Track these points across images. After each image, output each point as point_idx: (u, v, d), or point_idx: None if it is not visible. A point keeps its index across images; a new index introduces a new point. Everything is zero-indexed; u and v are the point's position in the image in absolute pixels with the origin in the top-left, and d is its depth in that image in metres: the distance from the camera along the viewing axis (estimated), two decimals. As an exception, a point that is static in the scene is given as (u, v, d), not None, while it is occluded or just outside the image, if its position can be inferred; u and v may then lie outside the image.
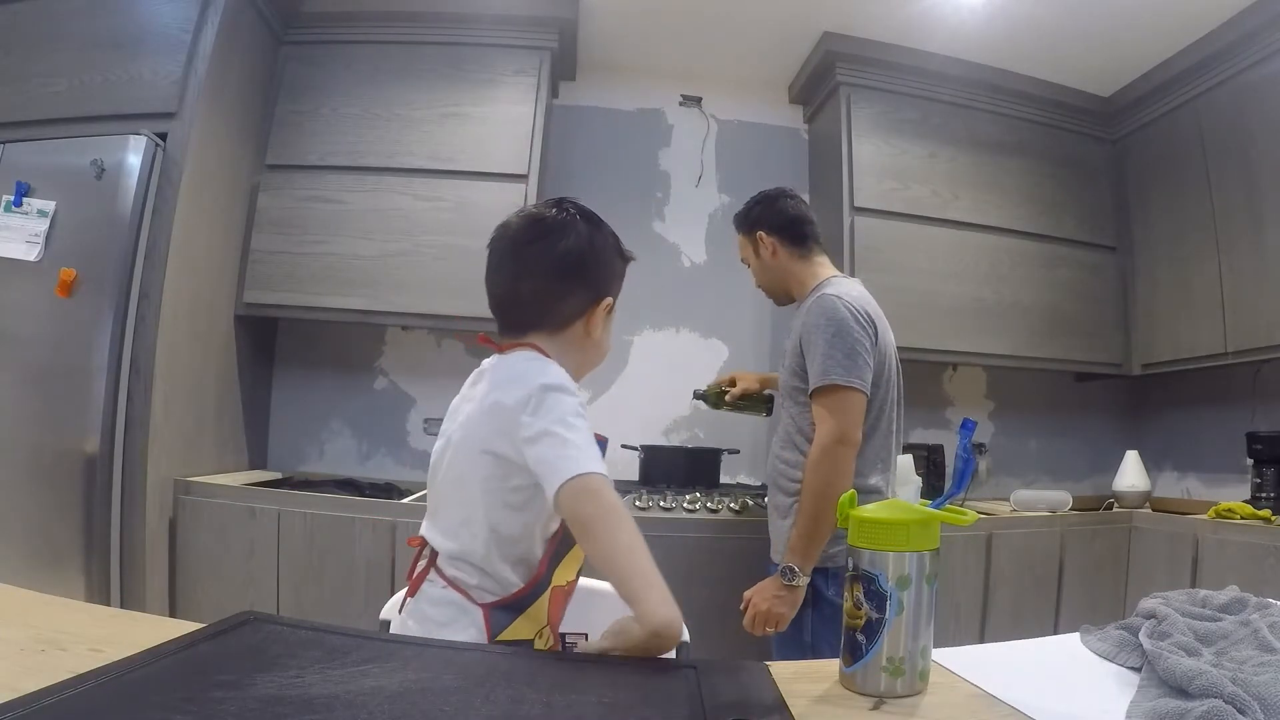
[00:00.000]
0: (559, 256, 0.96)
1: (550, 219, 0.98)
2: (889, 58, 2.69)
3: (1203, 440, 2.80)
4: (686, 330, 2.93)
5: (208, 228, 2.24)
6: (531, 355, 0.95)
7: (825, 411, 1.44)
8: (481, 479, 0.88)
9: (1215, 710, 0.58)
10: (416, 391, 2.76)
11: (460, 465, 0.91)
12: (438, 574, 0.92)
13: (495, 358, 1.00)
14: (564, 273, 0.96)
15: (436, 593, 0.91)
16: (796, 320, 1.59)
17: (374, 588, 2.01)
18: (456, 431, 0.96)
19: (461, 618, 0.88)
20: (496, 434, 0.87)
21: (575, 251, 0.96)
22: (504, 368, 0.95)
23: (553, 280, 0.96)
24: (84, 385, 1.92)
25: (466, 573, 0.89)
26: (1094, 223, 2.88)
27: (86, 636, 0.71)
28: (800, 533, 1.44)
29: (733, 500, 2.22)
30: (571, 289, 0.97)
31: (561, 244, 0.96)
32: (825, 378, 1.44)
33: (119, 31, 2.14)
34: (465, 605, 0.88)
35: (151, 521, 1.98)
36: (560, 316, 0.97)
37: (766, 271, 1.69)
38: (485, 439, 0.88)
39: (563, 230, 0.97)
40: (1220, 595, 0.87)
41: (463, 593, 0.89)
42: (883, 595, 0.69)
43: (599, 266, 0.99)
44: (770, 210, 1.68)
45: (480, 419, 0.90)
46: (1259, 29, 2.29)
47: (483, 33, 2.55)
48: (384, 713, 0.56)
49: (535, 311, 0.97)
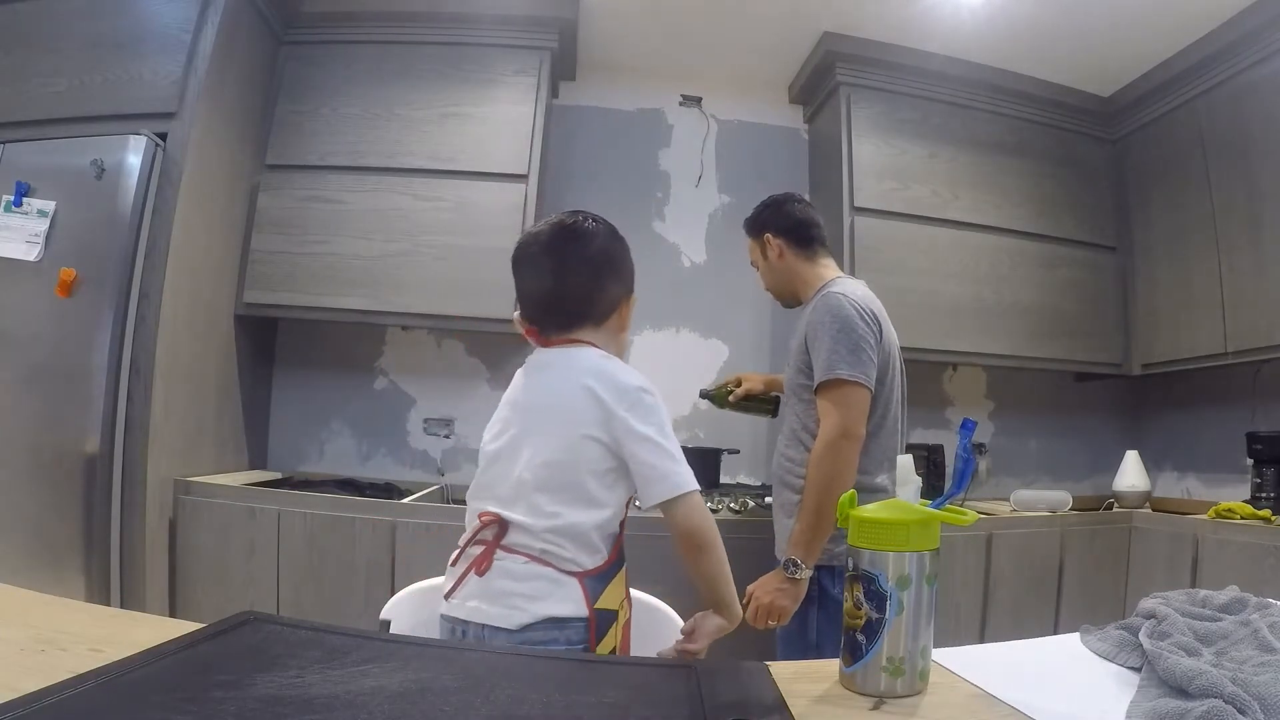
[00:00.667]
0: (594, 254, 1.06)
1: (578, 224, 1.08)
2: (889, 58, 2.69)
3: (1203, 440, 2.80)
4: (686, 330, 2.92)
5: (208, 228, 2.24)
6: (603, 353, 1.05)
7: (830, 405, 1.45)
8: (585, 460, 0.97)
9: (1215, 710, 0.58)
10: (416, 391, 2.76)
11: (555, 449, 0.97)
12: (508, 552, 0.95)
13: (556, 351, 1.06)
14: (600, 269, 1.07)
15: (518, 568, 0.94)
16: (801, 319, 1.61)
17: (374, 588, 2.01)
18: (537, 415, 1.01)
19: (557, 590, 0.92)
20: (596, 423, 0.97)
21: (606, 250, 1.07)
22: (578, 359, 1.03)
23: (593, 276, 1.06)
24: (84, 385, 1.92)
25: (562, 546, 0.94)
26: (1094, 223, 2.88)
27: (86, 636, 0.71)
28: (803, 526, 1.44)
29: (733, 500, 2.22)
30: (608, 283, 1.07)
31: (594, 244, 1.07)
32: (830, 372, 1.45)
33: (119, 31, 2.14)
34: (558, 577, 0.93)
35: (151, 521, 1.98)
36: (602, 309, 1.07)
37: (774, 273, 1.71)
38: (586, 425, 0.97)
39: (592, 233, 1.07)
40: (1220, 595, 0.87)
41: (553, 566, 0.93)
42: (883, 595, 0.69)
43: (625, 264, 1.10)
44: (778, 214, 1.71)
45: (578, 406, 0.98)
46: (1259, 29, 2.29)
47: (483, 33, 2.55)
48: (384, 713, 0.56)
49: (581, 305, 1.06)
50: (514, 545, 0.95)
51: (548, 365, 1.06)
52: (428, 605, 1.15)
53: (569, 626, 0.90)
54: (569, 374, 1.01)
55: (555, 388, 1.02)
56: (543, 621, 0.90)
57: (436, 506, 2.15)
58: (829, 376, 1.45)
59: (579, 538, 0.94)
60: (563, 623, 0.90)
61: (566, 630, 0.90)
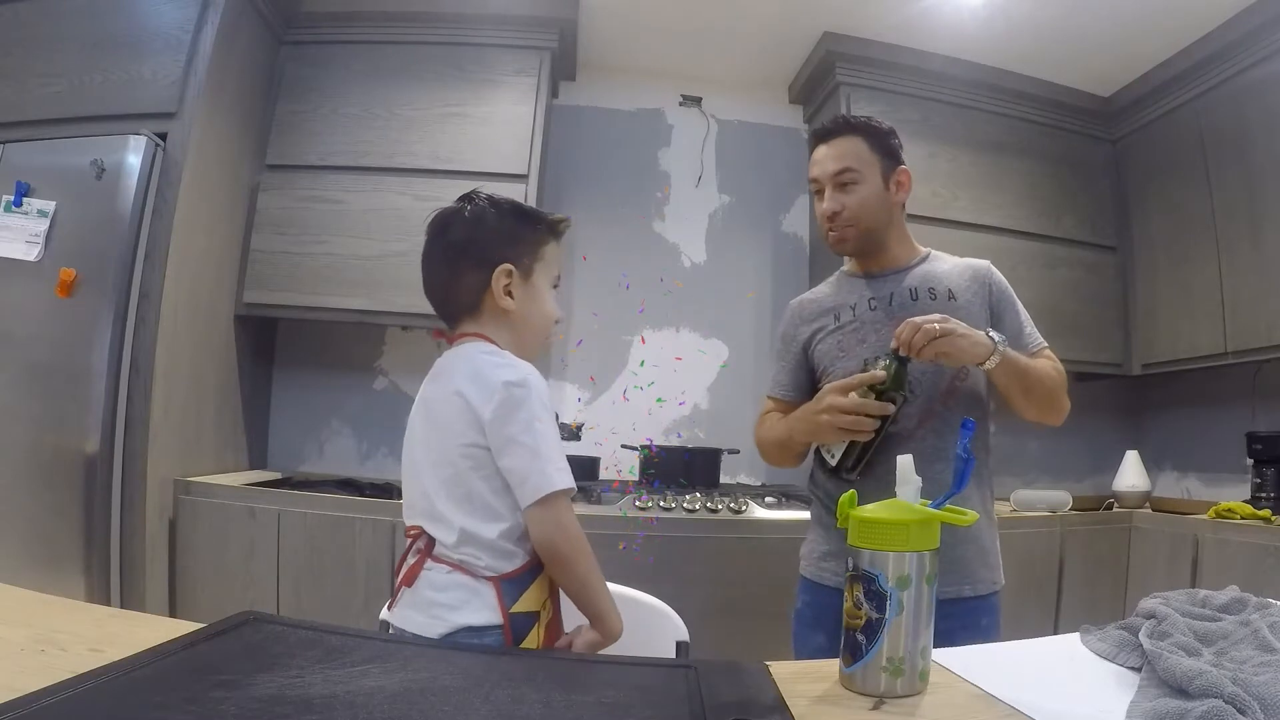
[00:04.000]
0: (446, 246, 1.01)
1: (439, 217, 1.03)
2: (889, 58, 2.69)
3: (1203, 440, 2.79)
4: (687, 330, 2.92)
5: (208, 228, 2.24)
6: (483, 346, 0.99)
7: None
8: (472, 470, 0.93)
9: (1215, 710, 0.58)
10: (416, 391, 2.75)
11: (449, 459, 0.94)
12: (436, 561, 0.93)
13: (449, 353, 1.03)
14: (452, 258, 1.01)
15: (440, 578, 0.92)
16: (954, 268, 1.38)
17: (374, 588, 2.01)
18: (427, 427, 0.99)
19: (474, 599, 0.90)
20: (472, 429, 0.92)
21: (459, 236, 1.01)
22: (459, 359, 0.99)
23: (445, 268, 1.02)
24: (84, 385, 1.92)
25: (474, 555, 0.92)
26: (1094, 223, 2.88)
27: (86, 636, 0.71)
28: (1023, 363, 1.24)
29: (733, 500, 2.22)
30: (463, 270, 1.00)
31: (448, 234, 1.01)
32: (1041, 341, 1.36)
33: (119, 31, 2.14)
34: (475, 585, 0.91)
35: (151, 521, 1.98)
36: (466, 300, 1.01)
37: (884, 208, 1.34)
38: (464, 434, 0.93)
39: (446, 222, 1.02)
40: (1220, 595, 0.87)
41: (470, 574, 0.91)
42: (882, 595, 0.69)
43: (487, 241, 1.01)
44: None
45: (452, 415, 0.94)
46: (1259, 29, 2.29)
47: (483, 33, 2.55)
48: (384, 713, 0.56)
49: (444, 300, 1.03)
50: (440, 555, 0.93)
51: (439, 372, 1.02)
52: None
53: (486, 634, 0.89)
54: (449, 380, 0.97)
55: (436, 397, 0.98)
56: (460, 630, 0.89)
57: (436, 506, 2.15)
58: (1045, 345, 1.36)
59: (488, 546, 0.92)
60: (479, 631, 0.89)
61: (484, 637, 0.89)
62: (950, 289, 1.33)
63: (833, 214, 1.32)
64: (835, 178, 1.31)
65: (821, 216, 1.35)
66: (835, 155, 1.32)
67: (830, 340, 1.35)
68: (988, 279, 1.37)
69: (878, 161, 1.33)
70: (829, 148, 1.34)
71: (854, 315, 1.34)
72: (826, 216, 1.34)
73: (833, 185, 1.32)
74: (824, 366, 1.35)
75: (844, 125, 1.35)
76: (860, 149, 1.32)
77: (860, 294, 1.36)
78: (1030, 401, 1.27)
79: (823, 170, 1.33)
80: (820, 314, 1.39)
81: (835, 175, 1.31)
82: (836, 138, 1.34)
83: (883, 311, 1.32)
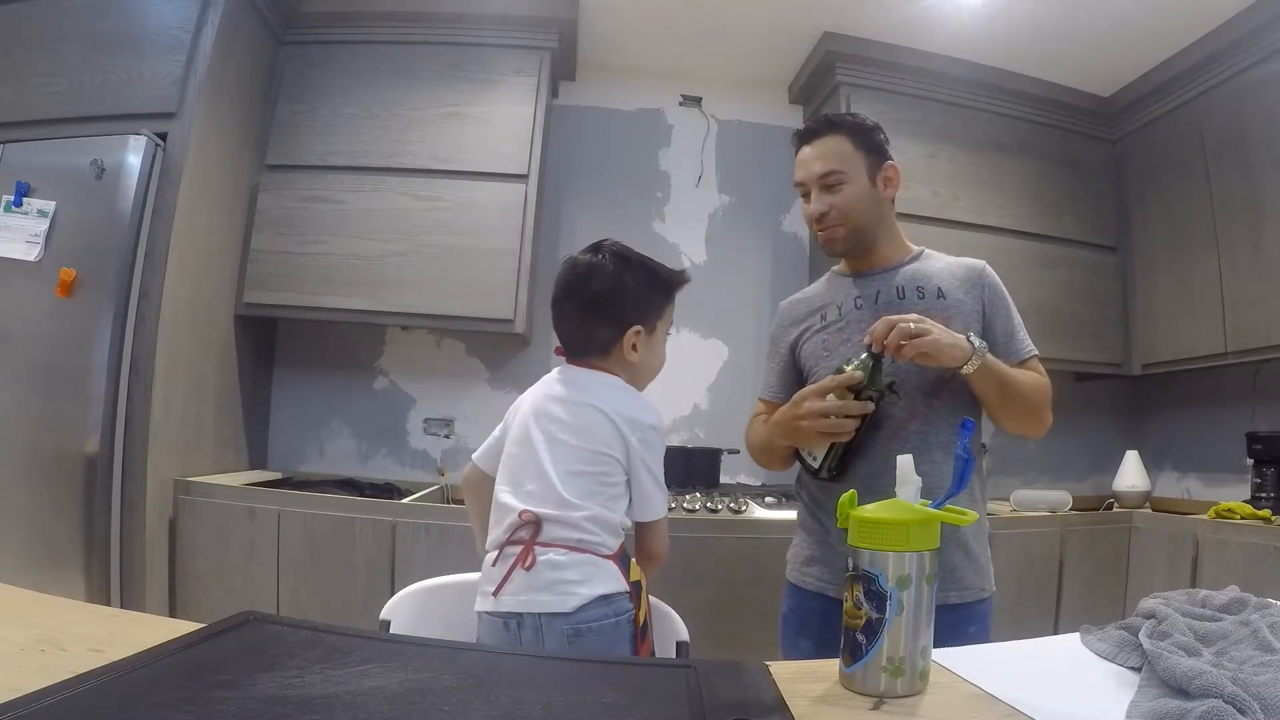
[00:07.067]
0: (587, 298, 1.15)
1: (581, 265, 1.17)
2: (889, 58, 2.69)
3: (1203, 440, 2.79)
4: (687, 330, 2.92)
5: (208, 228, 2.24)
6: (622, 385, 1.16)
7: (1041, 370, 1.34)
8: (603, 472, 1.10)
9: (1215, 710, 0.58)
10: (416, 391, 2.76)
11: (579, 460, 1.09)
12: (550, 545, 1.04)
13: (583, 372, 1.17)
14: (590, 312, 1.16)
15: (562, 558, 1.04)
16: (946, 267, 1.37)
17: (374, 588, 2.01)
18: (560, 429, 1.11)
19: (599, 572, 1.04)
20: (614, 444, 1.10)
21: (599, 292, 1.15)
22: (598, 385, 1.14)
23: (580, 318, 1.17)
24: (84, 385, 1.92)
25: (595, 534, 1.05)
26: (1094, 223, 2.88)
27: (86, 636, 0.71)
28: (1004, 371, 1.23)
29: (733, 500, 2.22)
30: (598, 325, 1.16)
31: (589, 287, 1.15)
32: (1031, 348, 1.35)
33: (119, 31, 2.14)
34: (598, 561, 1.05)
35: (151, 521, 1.99)
36: (597, 344, 1.17)
37: (874, 204, 1.32)
38: (606, 445, 1.10)
39: (588, 274, 1.15)
40: (1220, 595, 0.87)
41: (591, 552, 1.05)
42: (882, 595, 0.69)
43: (624, 304, 1.16)
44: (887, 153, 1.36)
45: (595, 426, 1.10)
46: (1259, 29, 2.29)
47: (483, 33, 2.55)
48: (384, 713, 0.56)
49: (577, 342, 1.18)
50: (551, 540, 1.04)
51: (573, 383, 1.15)
52: (428, 605, 1.16)
53: (615, 600, 1.02)
54: (594, 399, 1.12)
55: (581, 408, 1.12)
56: (594, 600, 1.01)
57: (436, 507, 2.15)
58: (1035, 352, 1.35)
59: (607, 525, 1.07)
60: (609, 598, 1.02)
61: (614, 604, 1.02)
62: (940, 287, 1.31)
63: (820, 215, 1.31)
64: (821, 179, 1.30)
65: (809, 218, 1.35)
66: (819, 156, 1.31)
67: (816, 340, 1.34)
68: (981, 279, 1.35)
69: (863, 159, 1.31)
70: (812, 148, 1.32)
71: (840, 314, 1.33)
72: (814, 218, 1.33)
73: (819, 187, 1.31)
74: (810, 366, 1.34)
75: (826, 124, 1.33)
76: (844, 147, 1.30)
77: (847, 292, 1.35)
78: (1009, 412, 1.26)
79: (808, 172, 1.32)
80: (808, 314, 1.38)
81: (821, 177, 1.30)
82: (819, 138, 1.32)
83: (869, 310, 1.30)
